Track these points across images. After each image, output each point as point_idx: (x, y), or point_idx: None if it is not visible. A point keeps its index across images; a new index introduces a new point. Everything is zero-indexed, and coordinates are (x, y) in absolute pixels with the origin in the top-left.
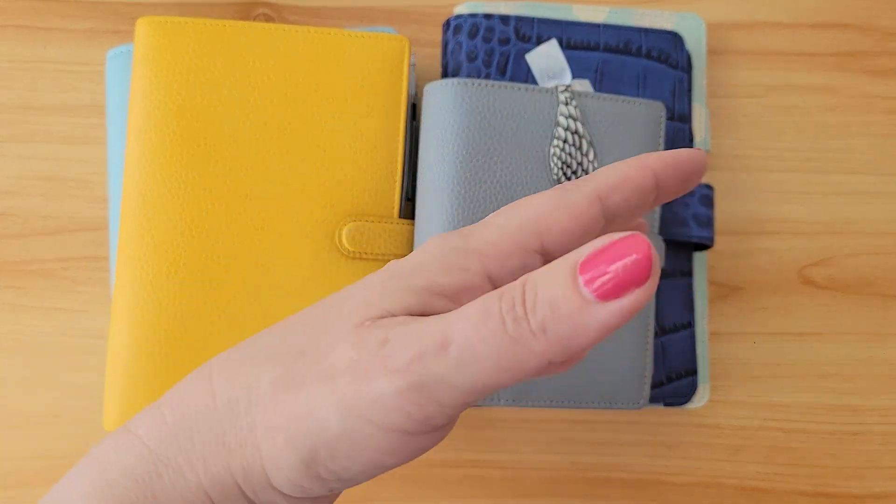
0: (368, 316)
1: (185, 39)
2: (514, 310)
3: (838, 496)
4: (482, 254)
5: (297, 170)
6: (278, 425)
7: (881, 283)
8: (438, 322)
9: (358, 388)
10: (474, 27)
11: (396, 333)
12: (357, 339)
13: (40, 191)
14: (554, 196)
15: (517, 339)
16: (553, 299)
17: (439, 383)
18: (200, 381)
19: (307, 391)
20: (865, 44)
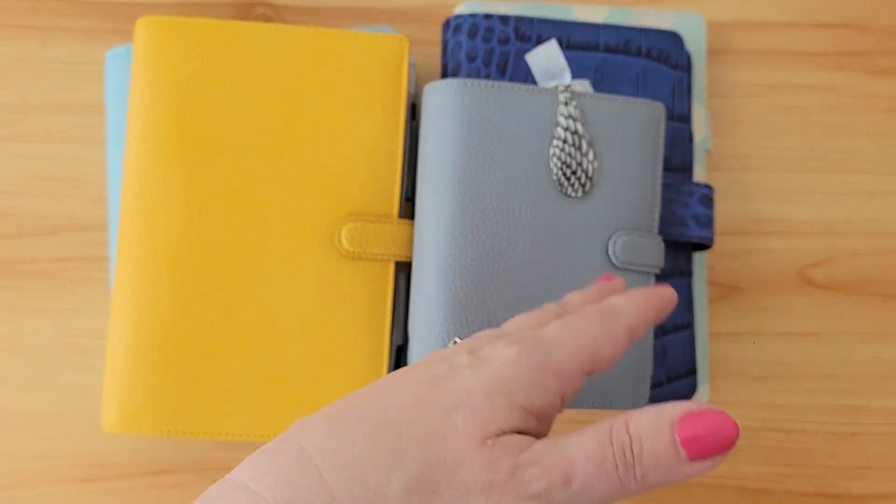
0: (487, 433)
1: (185, 39)
2: (625, 457)
3: (839, 497)
4: (560, 374)
5: (297, 169)
6: None
7: (882, 283)
8: (563, 454)
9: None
10: (474, 27)
11: (524, 462)
12: (487, 460)
13: (39, 190)
14: (600, 325)
15: (624, 482)
16: (657, 454)
17: None
18: (307, 476)
19: (441, 497)
20: (866, 43)
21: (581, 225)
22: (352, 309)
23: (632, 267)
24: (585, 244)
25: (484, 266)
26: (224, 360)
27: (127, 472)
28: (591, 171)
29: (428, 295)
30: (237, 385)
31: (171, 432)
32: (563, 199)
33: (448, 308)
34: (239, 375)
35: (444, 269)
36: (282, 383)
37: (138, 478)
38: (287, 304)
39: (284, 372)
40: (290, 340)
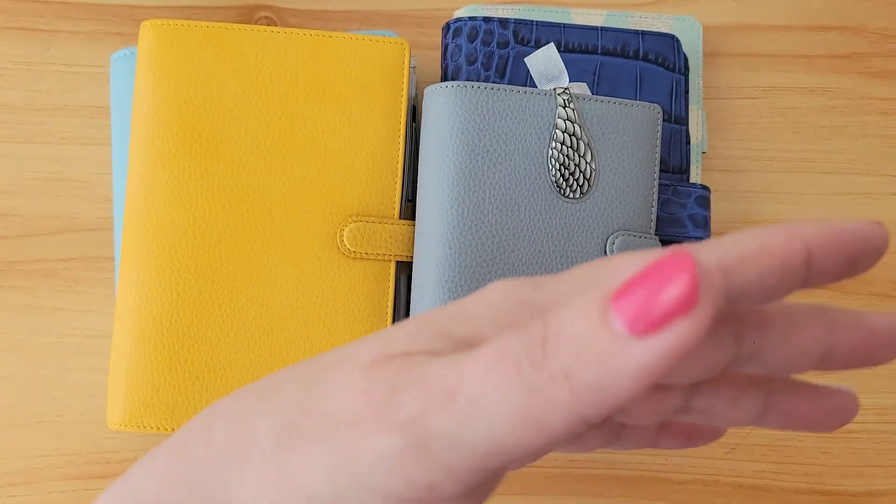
0: (382, 354)
1: (189, 42)
2: (533, 351)
3: (834, 494)
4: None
5: (299, 171)
6: (266, 485)
7: (877, 282)
8: (450, 366)
9: (356, 445)
10: (474, 30)
11: (407, 381)
12: (365, 384)
13: (42, 191)
14: (650, 259)
15: (535, 388)
16: (577, 336)
17: (445, 440)
18: (201, 424)
19: (303, 447)
20: (861, 46)
21: (579, 225)
22: (353, 308)
23: None
24: (583, 244)
25: (483, 266)
26: (227, 358)
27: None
28: (588, 172)
29: (428, 295)
30: (240, 382)
31: (175, 429)
32: (561, 199)
33: None
34: (242, 373)
35: (444, 269)
36: None
37: None
38: (289, 303)
39: None
40: (292, 339)
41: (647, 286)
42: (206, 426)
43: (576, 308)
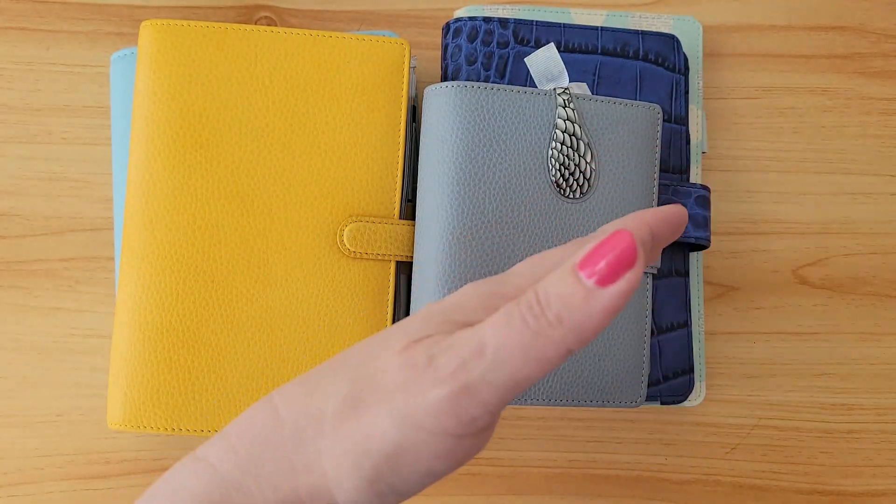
0: (410, 339)
1: (188, 42)
2: (532, 309)
3: (833, 494)
4: (515, 298)
5: (299, 171)
6: (344, 450)
7: (876, 282)
8: (473, 332)
9: (413, 400)
10: (474, 30)
11: (439, 349)
12: (405, 360)
13: (42, 191)
14: (571, 249)
15: (538, 332)
16: (562, 294)
17: (481, 383)
18: (265, 411)
19: (368, 414)
20: (861, 46)
21: (579, 225)
22: (353, 308)
23: None
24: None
25: (483, 266)
26: (227, 358)
27: (131, 469)
28: (588, 172)
29: (428, 294)
30: (240, 383)
31: (175, 430)
32: (561, 199)
33: None
34: (242, 373)
35: (444, 269)
36: (283, 381)
37: (142, 475)
38: (289, 303)
39: (286, 370)
40: (292, 339)
41: (601, 254)
42: (270, 413)
43: (555, 276)
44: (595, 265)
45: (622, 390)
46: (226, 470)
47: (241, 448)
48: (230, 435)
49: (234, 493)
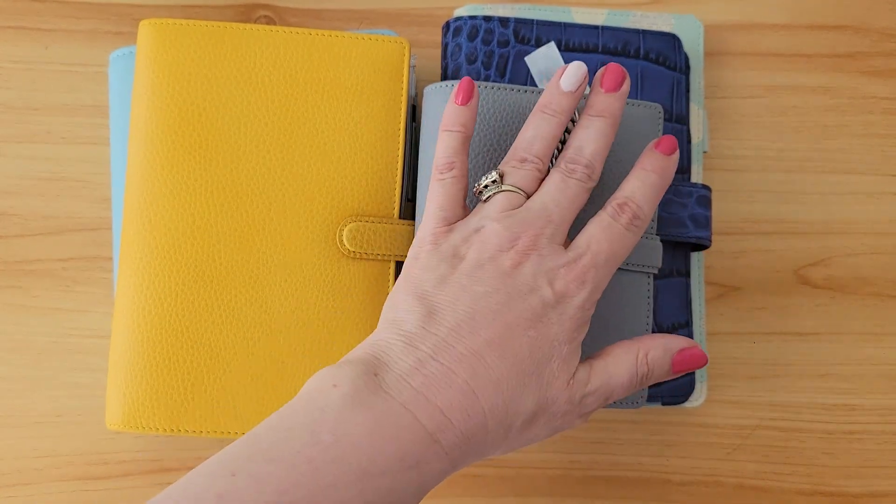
0: (569, 374)
1: (188, 42)
2: (642, 381)
3: (835, 495)
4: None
5: (298, 170)
6: (511, 447)
7: (879, 282)
8: (608, 384)
9: (566, 423)
10: (474, 29)
11: (588, 393)
12: (569, 397)
13: (41, 191)
14: (630, 242)
15: (641, 381)
16: (659, 376)
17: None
18: (479, 418)
19: (535, 427)
20: (863, 45)
21: (580, 224)
22: (353, 308)
23: (630, 266)
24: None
25: None
26: (226, 358)
27: (130, 470)
28: None
29: None
30: (239, 383)
31: (175, 430)
32: None
33: None
34: (241, 374)
35: None
36: (283, 381)
37: (142, 476)
38: (288, 303)
39: (286, 370)
40: (291, 339)
41: (690, 358)
42: (481, 420)
43: (662, 361)
44: (683, 364)
45: None
46: (455, 456)
47: (464, 445)
48: (456, 431)
49: (450, 473)
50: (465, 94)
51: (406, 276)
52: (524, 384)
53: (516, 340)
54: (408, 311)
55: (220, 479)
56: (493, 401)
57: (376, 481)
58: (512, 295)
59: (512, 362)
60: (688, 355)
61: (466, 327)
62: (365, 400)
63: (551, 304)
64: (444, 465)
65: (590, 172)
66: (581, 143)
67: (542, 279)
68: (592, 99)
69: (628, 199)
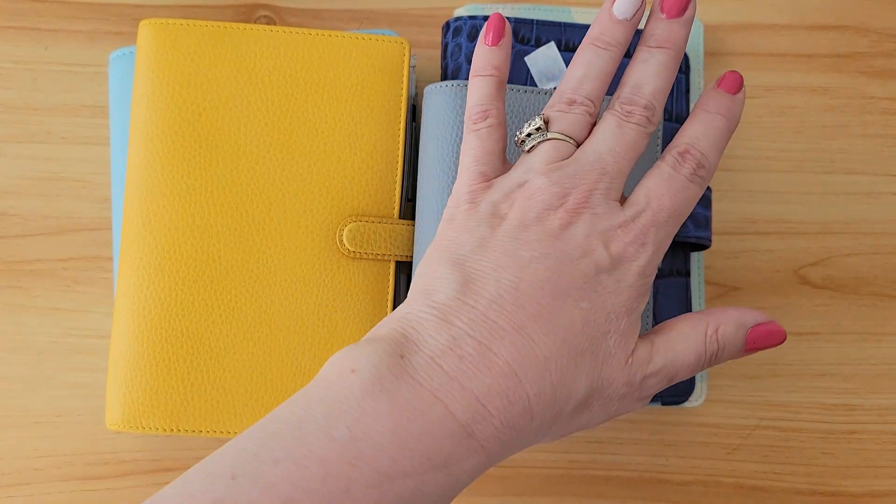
0: (628, 352)
1: (188, 41)
2: (711, 361)
3: (835, 495)
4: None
5: (298, 170)
6: (561, 434)
7: (878, 282)
8: (672, 363)
9: (624, 407)
10: (474, 29)
11: (649, 374)
12: (627, 378)
13: (41, 191)
14: (693, 198)
15: (711, 359)
16: (730, 354)
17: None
18: (521, 405)
19: (590, 410)
20: (862, 45)
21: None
22: (353, 308)
23: None
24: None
25: None
26: (226, 358)
27: (130, 470)
28: None
29: None
30: (239, 383)
31: (174, 430)
32: None
33: None
34: (241, 374)
35: None
36: (283, 381)
37: (141, 476)
38: (288, 303)
39: (286, 370)
40: (291, 339)
41: (766, 334)
42: (525, 407)
43: (735, 338)
44: (757, 341)
45: None
46: (492, 450)
47: (503, 435)
48: (495, 421)
49: (486, 468)
50: (496, 32)
51: (439, 240)
52: (576, 364)
53: (567, 313)
54: (442, 278)
55: (219, 482)
56: (539, 384)
57: (397, 485)
58: (562, 260)
59: (562, 338)
60: (764, 331)
61: (509, 298)
62: (387, 388)
63: (607, 269)
64: (479, 460)
65: (650, 115)
66: (639, 80)
67: (596, 241)
68: (651, 27)
69: (690, 146)
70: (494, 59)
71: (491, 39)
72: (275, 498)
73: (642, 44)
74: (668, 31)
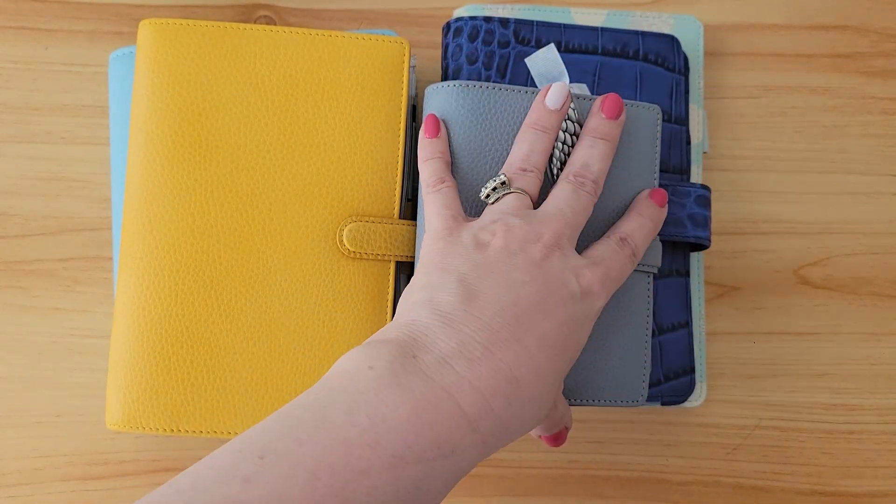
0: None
1: (188, 42)
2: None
3: (834, 495)
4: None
5: (298, 170)
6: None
7: (878, 282)
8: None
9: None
10: (474, 30)
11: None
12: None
13: (41, 191)
14: (629, 265)
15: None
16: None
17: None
18: (518, 404)
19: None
20: (862, 45)
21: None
22: (353, 308)
23: None
24: (584, 243)
25: None
26: (226, 358)
27: (130, 470)
28: None
29: None
30: (239, 383)
31: (174, 430)
32: None
33: None
34: (241, 374)
35: None
36: (283, 381)
37: (141, 476)
38: (288, 303)
39: (286, 370)
40: (291, 339)
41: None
42: (518, 413)
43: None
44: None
45: (624, 390)
46: (490, 444)
47: (499, 432)
48: (496, 418)
49: (482, 460)
50: (433, 128)
51: (431, 258)
52: (557, 378)
53: (554, 332)
54: (446, 291)
55: (247, 461)
56: (532, 390)
57: (410, 469)
58: (547, 285)
59: (549, 353)
60: (552, 438)
61: (510, 313)
62: (404, 382)
63: (578, 299)
64: (478, 453)
65: (595, 188)
66: (587, 160)
67: (570, 274)
68: (595, 122)
69: (628, 236)
70: (438, 146)
71: (430, 133)
72: (301, 475)
73: (586, 134)
74: (608, 128)
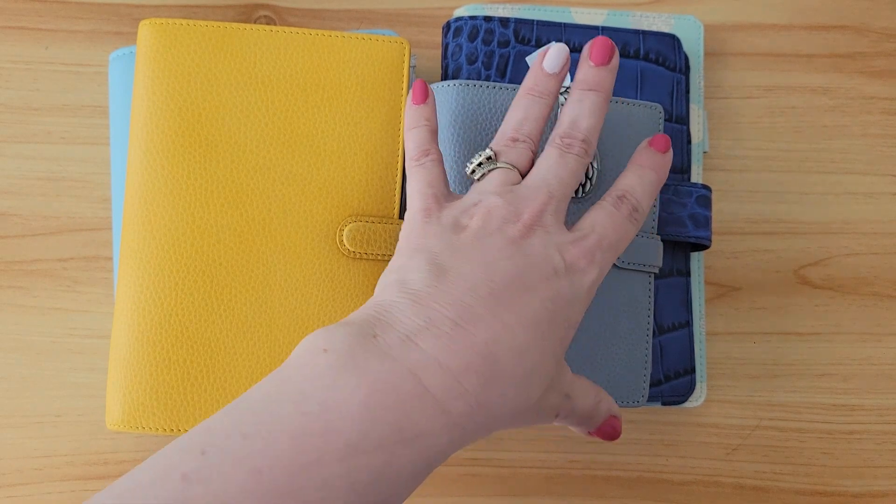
0: (561, 363)
1: (188, 41)
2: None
3: (835, 495)
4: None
5: (298, 170)
6: (533, 422)
7: (878, 283)
8: (572, 394)
9: (537, 417)
10: (474, 29)
11: (564, 395)
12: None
13: (41, 191)
14: (632, 229)
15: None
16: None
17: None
18: (498, 383)
19: (540, 407)
20: (862, 45)
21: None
22: (353, 308)
23: (631, 266)
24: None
25: None
26: (226, 358)
27: (130, 470)
28: (590, 171)
29: None
30: (239, 383)
31: (175, 430)
32: None
33: None
34: (241, 374)
35: None
36: None
37: None
38: (289, 303)
39: None
40: (291, 339)
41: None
42: (500, 392)
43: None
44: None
45: (624, 390)
46: (467, 428)
47: (477, 415)
48: (470, 399)
49: (459, 447)
50: (421, 94)
51: (407, 242)
52: (545, 358)
53: (536, 308)
54: (416, 270)
55: (188, 457)
56: (515, 370)
57: (368, 458)
58: (526, 261)
59: (534, 331)
60: (608, 426)
61: (484, 288)
62: (360, 364)
63: (563, 273)
64: (451, 438)
65: (587, 147)
66: (575, 117)
67: (552, 250)
68: (583, 72)
69: (626, 192)
70: (424, 113)
71: (418, 100)
72: (244, 470)
73: (575, 87)
74: (597, 76)
